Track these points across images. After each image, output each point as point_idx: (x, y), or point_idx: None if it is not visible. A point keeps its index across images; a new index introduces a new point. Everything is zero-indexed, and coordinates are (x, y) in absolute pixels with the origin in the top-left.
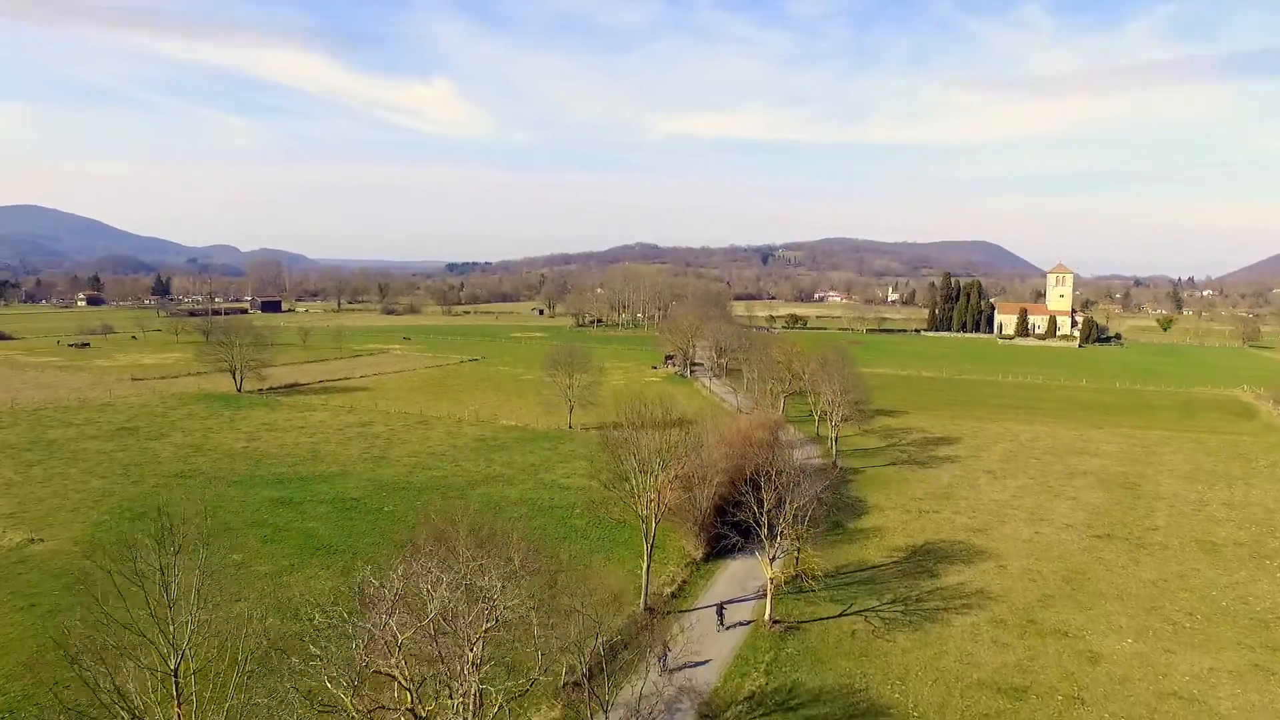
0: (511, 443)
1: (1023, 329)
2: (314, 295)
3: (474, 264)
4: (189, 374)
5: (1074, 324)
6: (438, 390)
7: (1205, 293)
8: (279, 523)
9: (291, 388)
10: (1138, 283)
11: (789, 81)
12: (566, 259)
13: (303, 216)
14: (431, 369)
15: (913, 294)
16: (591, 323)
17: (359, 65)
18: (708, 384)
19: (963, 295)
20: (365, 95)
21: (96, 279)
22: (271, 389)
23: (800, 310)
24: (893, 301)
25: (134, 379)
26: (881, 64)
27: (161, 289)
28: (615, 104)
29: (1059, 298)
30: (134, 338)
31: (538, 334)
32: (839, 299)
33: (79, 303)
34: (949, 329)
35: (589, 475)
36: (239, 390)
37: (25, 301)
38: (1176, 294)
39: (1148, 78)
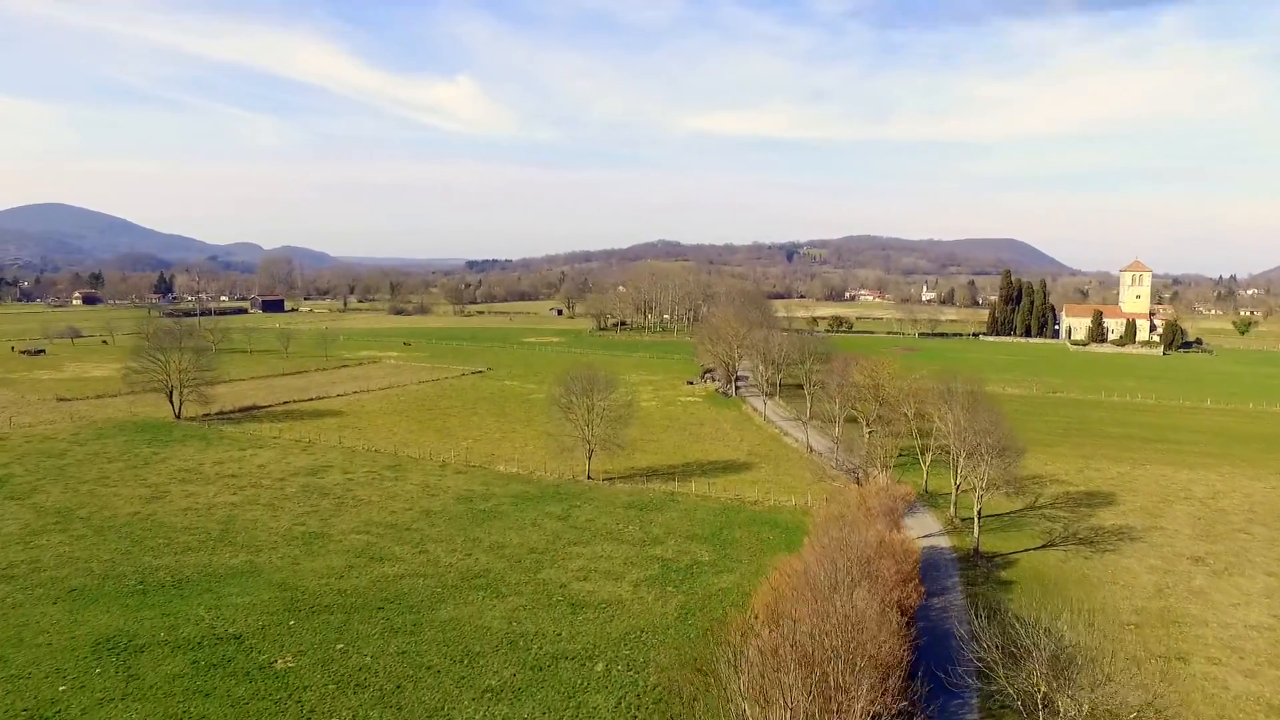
0: (507, 505)
1: (1097, 334)
2: (324, 294)
3: (494, 261)
4: (129, 392)
5: (1152, 328)
6: (427, 414)
7: (1251, 291)
8: (71, 715)
9: (247, 411)
10: (1175, 280)
11: (812, 79)
12: (587, 256)
13: (326, 215)
14: (425, 384)
15: (951, 293)
16: (614, 325)
17: (384, 64)
18: (760, 408)
19: (1024, 296)
20: (389, 93)
21: (96, 277)
22: (221, 413)
23: (840, 310)
24: (929, 300)
25: (59, 399)
26: (906, 60)
27: (164, 287)
28: (638, 102)
29: (1135, 299)
30: (104, 342)
31: (554, 338)
32: (871, 297)
33: (74, 301)
34: (1011, 333)
35: (619, 575)
36: (177, 416)
37: (21, 300)
38: (1233, 293)
39: (1178, 73)
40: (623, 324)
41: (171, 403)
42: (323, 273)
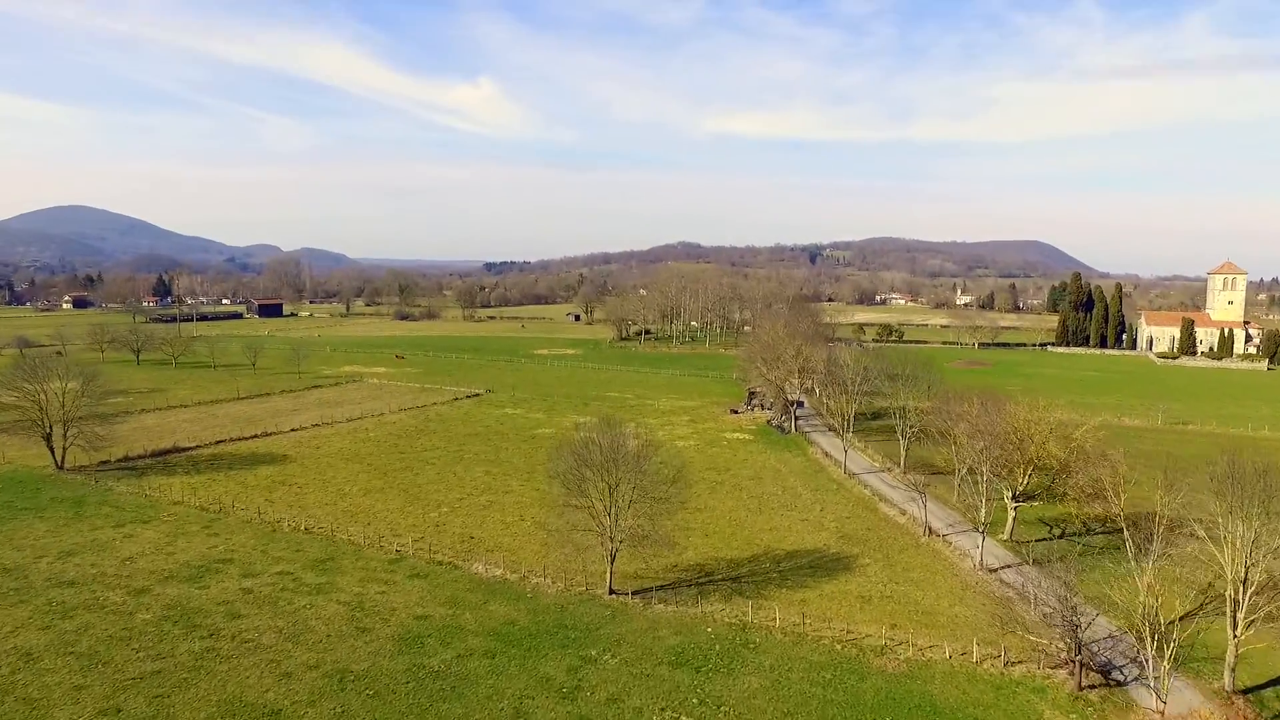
0: (479, 656)
1: (1187, 345)
2: (332, 296)
3: (512, 263)
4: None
5: (1248, 338)
6: (398, 460)
7: None
8: None
9: (163, 456)
10: None
11: (835, 80)
12: (607, 258)
13: (345, 217)
14: (409, 411)
15: (990, 297)
16: (637, 334)
17: (405, 66)
18: (835, 452)
19: (1096, 303)
20: (410, 96)
21: (91, 279)
22: (126, 459)
23: (881, 316)
24: (967, 304)
25: None
26: (929, 61)
27: (163, 290)
28: (660, 103)
29: (1227, 305)
30: (59, 353)
31: (569, 350)
32: (903, 301)
33: (64, 305)
34: (1085, 343)
35: None
36: (60, 466)
37: (10, 303)
38: None
39: (1204, 72)
40: (646, 332)
41: (50, 448)
42: (333, 275)
